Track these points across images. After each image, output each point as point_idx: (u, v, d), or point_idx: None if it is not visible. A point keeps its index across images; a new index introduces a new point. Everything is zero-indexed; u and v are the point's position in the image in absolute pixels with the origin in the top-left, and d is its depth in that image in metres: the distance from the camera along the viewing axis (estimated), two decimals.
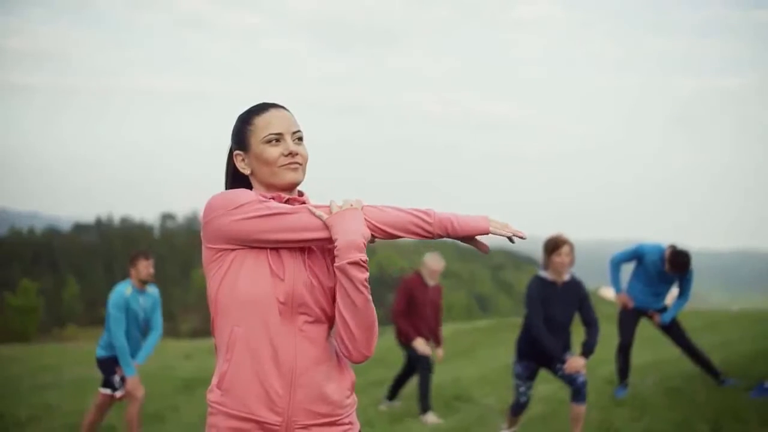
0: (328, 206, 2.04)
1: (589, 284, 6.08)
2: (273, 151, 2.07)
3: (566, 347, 5.30)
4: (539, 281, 5.30)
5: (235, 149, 2.15)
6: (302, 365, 2.01)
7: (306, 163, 2.12)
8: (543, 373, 5.73)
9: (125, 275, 6.20)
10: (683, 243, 7.03)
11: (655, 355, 8.54)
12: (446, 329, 11.27)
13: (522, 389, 5.47)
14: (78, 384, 10.92)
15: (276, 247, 2.02)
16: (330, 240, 2.02)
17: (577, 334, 5.32)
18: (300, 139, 2.12)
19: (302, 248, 2.06)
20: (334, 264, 1.98)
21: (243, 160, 2.13)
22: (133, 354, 6.04)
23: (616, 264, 6.85)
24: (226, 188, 2.22)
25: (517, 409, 5.61)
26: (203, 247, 2.08)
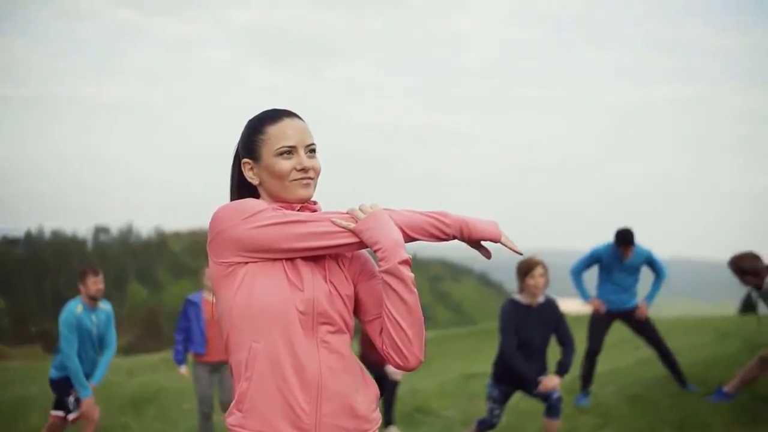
0: (346, 213, 1.96)
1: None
2: (285, 165, 1.97)
3: (542, 370, 5.19)
4: (513, 305, 5.19)
5: (244, 157, 2.03)
6: (328, 377, 1.90)
7: (318, 177, 2.02)
8: None
9: (56, 290, 6.04)
10: None
11: (612, 363, 8.61)
12: None
13: (497, 412, 5.37)
14: (13, 405, 10.43)
15: (300, 255, 1.92)
16: (355, 246, 1.93)
17: (552, 354, 5.25)
18: (313, 151, 2.02)
19: (318, 258, 1.96)
20: (382, 268, 1.88)
21: (252, 169, 2.03)
22: (89, 374, 5.79)
23: (578, 273, 6.90)
24: (232, 196, 2.11)
25: (486, 427, 5.50)
26: (211, 264, 1.95)
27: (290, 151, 1.97)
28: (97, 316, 5.84)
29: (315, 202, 2.06)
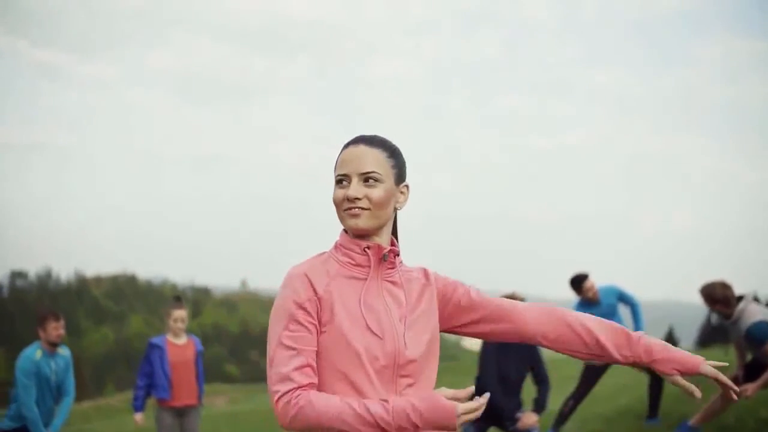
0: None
1: None
2: (338, 194, 1.87)
3: (518, 406, 5.23)
4: None
5: None
6: None
7: (380, 208, 1.86)
8: None
9: None
10: (542, 295, 7.19)
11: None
12: None
13: None
14: None
15: None
16: None
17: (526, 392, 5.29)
18: (372, 179, 1.85)
19: (396, 302, 1.88)
20: None
21: None
22: (46, 423, 5.52)
23: None
24: None
25: None
26: None
27: (343, 179, 1.88)
28: (56, 362, 5.61)
29: (394, 243, 1.95)
